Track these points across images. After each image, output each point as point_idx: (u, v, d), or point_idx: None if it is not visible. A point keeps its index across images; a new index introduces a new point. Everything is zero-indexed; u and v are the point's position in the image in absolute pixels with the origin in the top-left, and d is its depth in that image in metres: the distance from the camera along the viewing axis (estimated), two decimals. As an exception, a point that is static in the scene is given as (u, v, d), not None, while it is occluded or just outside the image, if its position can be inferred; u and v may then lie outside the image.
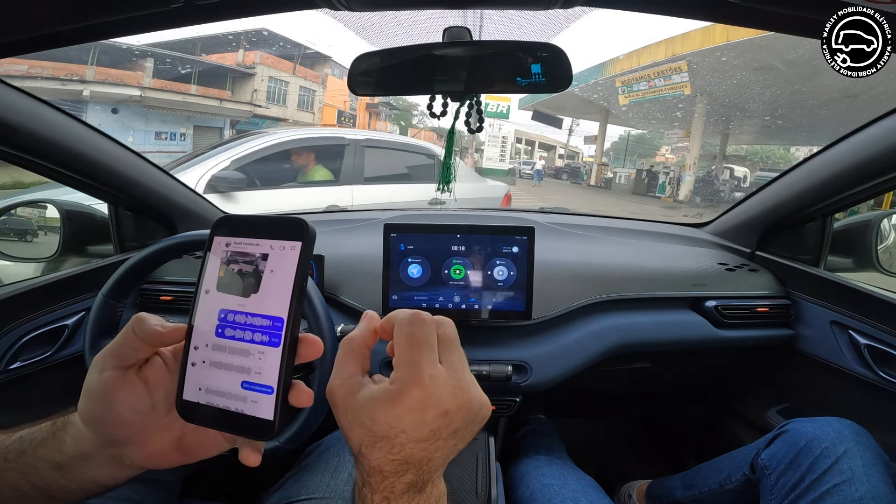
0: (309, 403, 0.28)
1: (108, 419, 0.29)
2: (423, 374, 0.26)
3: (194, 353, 0.28)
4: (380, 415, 0.26)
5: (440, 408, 0.26)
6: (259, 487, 0.66)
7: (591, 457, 1.07)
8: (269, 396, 0.26)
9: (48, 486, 0.30)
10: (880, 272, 0.94)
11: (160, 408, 0.30)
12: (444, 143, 0.73)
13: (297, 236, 0.27)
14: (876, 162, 0.78)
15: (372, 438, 0.26)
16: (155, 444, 0.30)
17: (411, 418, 0.26)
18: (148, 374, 0.30)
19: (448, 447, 0.27)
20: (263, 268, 0.27)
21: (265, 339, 0.27)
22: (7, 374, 0.76)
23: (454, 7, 0.50)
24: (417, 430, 0.26)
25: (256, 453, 0.29)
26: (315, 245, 0.29)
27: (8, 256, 0.90)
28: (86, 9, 0.43)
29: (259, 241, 0.28)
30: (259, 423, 0.26)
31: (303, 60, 20.12)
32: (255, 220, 0.29)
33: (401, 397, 0.26)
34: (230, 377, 0.27)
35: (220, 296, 0.28)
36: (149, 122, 13.85)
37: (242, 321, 0.27)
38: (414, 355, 0.27)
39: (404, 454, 0.26)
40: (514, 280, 0.83)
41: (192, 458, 0.31)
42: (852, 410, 0.74)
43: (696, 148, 12.99)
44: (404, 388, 0.26)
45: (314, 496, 0.55)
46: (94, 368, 0.29)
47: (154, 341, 0.29)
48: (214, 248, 0.29)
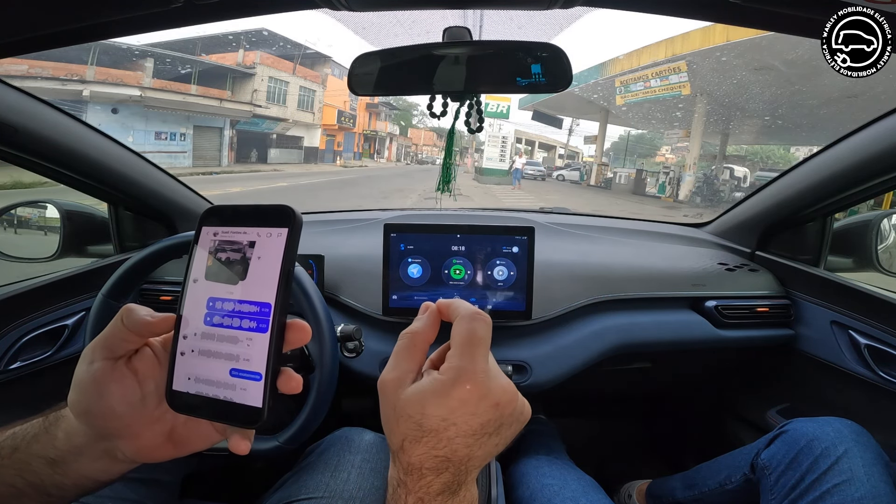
0: (297, 390, 0.28)
1: (99, 411, 0.29)
2: (478, 368, 0.27)
3: (183, 343, 0.28)
4: (431, 407, 0.26)
5: (492, 399, 0.26)
6: (259, 487, 0.66)
7: (591, 457, 1.07)
8: (258, 383, 0.26)
9: (42, 482, 0.30)
10: (880, 272, 0.94)
11: (151, 399, 0.30)
12: (444, 144, 0.73)
13: (283, 223, 0.27)
14: (876, 162, 0.79)
15: (419, 432, 0.26)
16: (146, 436, 0.30)
17: (463, 410, 0.26)
18: (138, 365, 0.30)
19: (490, 445, 0.27)
20: (251, 255, 0.28)
21: (253, 325, 0.27)
22: (7, 374, 0.76)
23: (454, 7, 0.50)
24: (468, 422, 0.26)
25: (246, 441, 0.29)
26: (315, 245, 0.29)
27: (8, 256, 0.90)
28: (86, 9, 0.43)
29: (246, 230, 0.28)
30: (248, 411, 0.26)
31: (303, 60, 20.13)
32: (242, 209, 0.29)
33: (455, 388, 0.26)
34: (219, 365, 0.27)
35: (208, 284, 0.28)
36: (149, 122, 13.84)
37: (231, 308, 0.27)
38: (471, 350, 0.27)
39: (449, 450, 0.26)
40: (514, 280, 0.83)
41: (184, 450, 0.31)
42: (852, 410, 0.74)
43: (696, 148, 12.98)
44: (458, 379, 0.26)
45: (314, 496, 0.55)
46: (83, 360, 0.29)
47: (143, 331, 0.29)
48: (202, 239, 0.29)
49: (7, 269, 0.89)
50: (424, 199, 9.30)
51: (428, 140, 38.59)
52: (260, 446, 0.62)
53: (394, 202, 8.87)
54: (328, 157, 23.04)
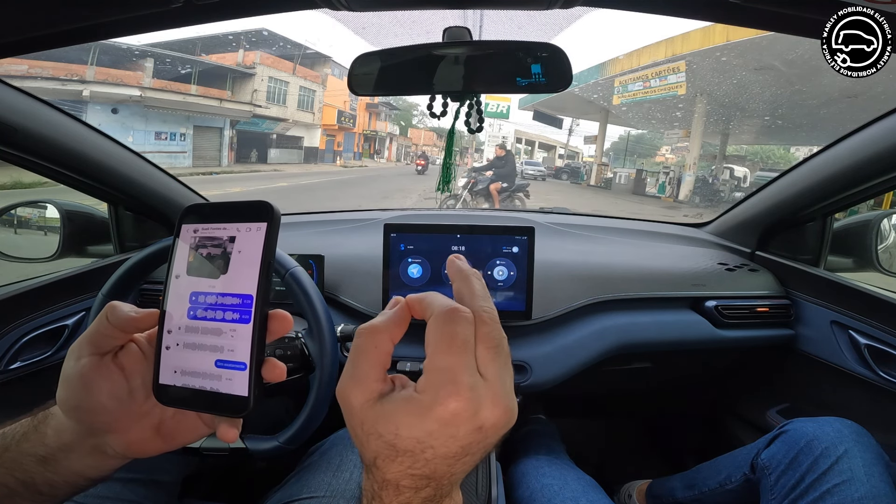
0: (282, 378, 0.28)
1: (87, 406, 0.29)
2: (462, 384, 0.22)
3: (168, 337, 0.29)
4: (405, 429, 0.22)
5: (475, 423, 0.22)
6: (259, 488, 0.66)
7: (591, 457, 1.07)
8: (243, 373, 0.27)
9: (34, 480, 0.30)
10: (880, 272, 0.94)
11: (138, 394, 0.30)
12: (444, 144, 0.73)
13: (262, 218, 0.28)
14: (876, 162, 0.79)
15: (392, 452, 0.23)
16: (135, 431, 0.30)
17: (442, 433, 0.22)
18: (124, 361, 0.30)
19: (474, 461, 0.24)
20: (231, 249, 0.28)
21: (236, 316, 0.27)
22: (7, 374, 0.76)
23: (454, 7, 0.50)
24: (446, 445, 0.22)
25: (234, 429, 0.29)
26: (315, 245, 0.29)
27: (8, 256, 0.90)
28: (86, 9, 0.43)
29: (226, 226, 0.29)
30: (235, 400, 0.27)
31: (303, 60, 20.12)
32: (221, 206, 0.30)
33: (434, 409, 0.22)
34: (204, 357, 0.28)
35: (190, 279, 0.29)
36: (149, 122, 13.83)
37: (213, 301, 0.28)
38: (451, 361, 0.23)
39: (427, 470, 0.23)
40: (514, 280, 0.83)
41: (173, 443, 0.32)
42: (852, 410, 0.74)
43: (696, 148, 12.97)
44: (438, 399, 0.22)
45: (316, 495, 0.55)
46: (70, 356, 0.30)
47: (128, 327, 0.29)
48: (183, 235, 0.30)
49: (7, 269, 0.89)
50: (424, 199, 9.30)
51: (428, 140, 38.59)
52: (260, 446, 0.62)
53: (394, 202, 8.87)
54: (328, 157, 23.03)
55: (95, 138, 0.83)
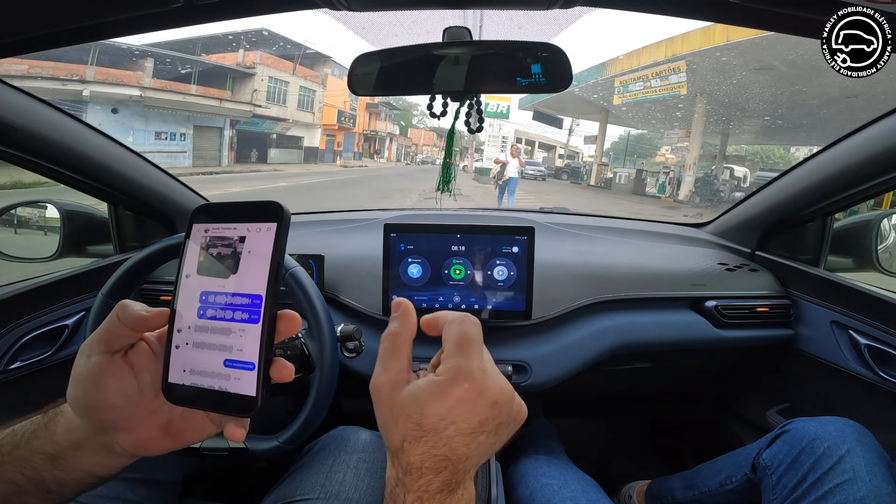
0: (290, 378, 0.28)
1: (97, 404, 0.29)
2: (474, 366, 0.27)
3: (178, 336, 0.29)
4: (430, 407, 0.26)
5: (489, 398, 0.27)
6: (259, 487, 0.66)
7: (591, 457, 1.07)
8: (251, 373, 0.27)
9: (43, 478, 0.30)
10: (880, 272, 0.94)
11: (147, 392, 0.30)
12: (444, 144, 0.73)
13: (272, 218, 0.28)
14: (876, 162, 0.79)
15: (419, 432, 0.26)
16: (143, 429, 0.30)
17: (461, 409, 0.26)
18: (134, 359, 0.30)
19: (487, 444, 0.27)
20: (241, 249, 0.28)
21: (245, 316, 0.28)
22: (7, 374, 0.76)
23: (454, 7, 0.50)
24: (467, 420, 0.26)
25: (241, 428, 0.30)
26: (315, 245, 0.29)
27: (8, 256, 0.90)
28: (86, 9, 0.43)
29: (236, 226, 0.29)
30: (243, 400, 0.27)
31: (303, 60, 20.13)
32: (232, 206, 0.30)
33: (452, 387, 0.26)
34: (213, 356, 0.28)
35: (200, 279, 0.29)
36: (149, 122, 13.84)
37: (223, 301, 0.28)
38: (465, 349, 0.28)
39: (448, 448, 0.26)
40: (514, 280, 0.83)
41: (181, 442, 0.32)
42: (852, 410, 0.74)
43: (696, 148, 12.98)
44: (455, 378, 0.27)
45: (309, 497, 0.55)
46: (81, 354, 0.30)
47: (138, 326, 0.30)
48: (193, 235, 0.30)
49: (7, 269, 0.89)
50: (424, 199, 9.30)
51: (428, 140, 38.58)
52: (260, 446, 0.62)
53: (394, 202, 8.87)
54: (328, 157, 23.04)
55: (95, 138, 0.83)
